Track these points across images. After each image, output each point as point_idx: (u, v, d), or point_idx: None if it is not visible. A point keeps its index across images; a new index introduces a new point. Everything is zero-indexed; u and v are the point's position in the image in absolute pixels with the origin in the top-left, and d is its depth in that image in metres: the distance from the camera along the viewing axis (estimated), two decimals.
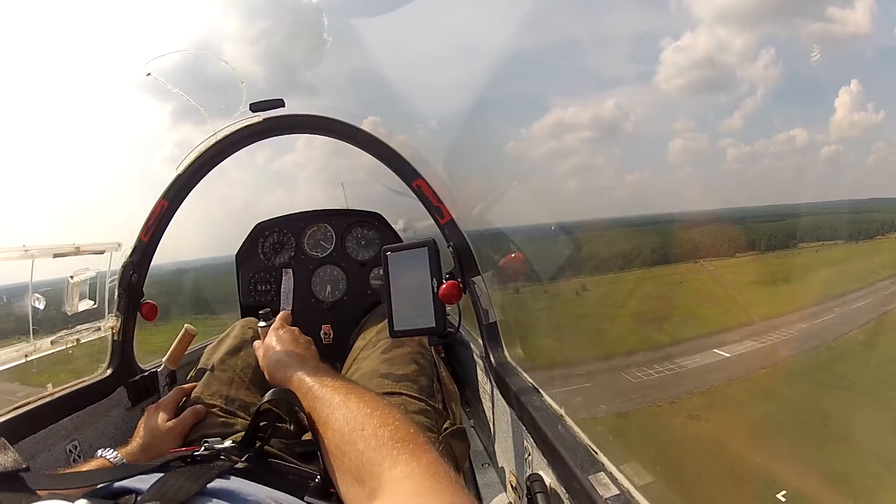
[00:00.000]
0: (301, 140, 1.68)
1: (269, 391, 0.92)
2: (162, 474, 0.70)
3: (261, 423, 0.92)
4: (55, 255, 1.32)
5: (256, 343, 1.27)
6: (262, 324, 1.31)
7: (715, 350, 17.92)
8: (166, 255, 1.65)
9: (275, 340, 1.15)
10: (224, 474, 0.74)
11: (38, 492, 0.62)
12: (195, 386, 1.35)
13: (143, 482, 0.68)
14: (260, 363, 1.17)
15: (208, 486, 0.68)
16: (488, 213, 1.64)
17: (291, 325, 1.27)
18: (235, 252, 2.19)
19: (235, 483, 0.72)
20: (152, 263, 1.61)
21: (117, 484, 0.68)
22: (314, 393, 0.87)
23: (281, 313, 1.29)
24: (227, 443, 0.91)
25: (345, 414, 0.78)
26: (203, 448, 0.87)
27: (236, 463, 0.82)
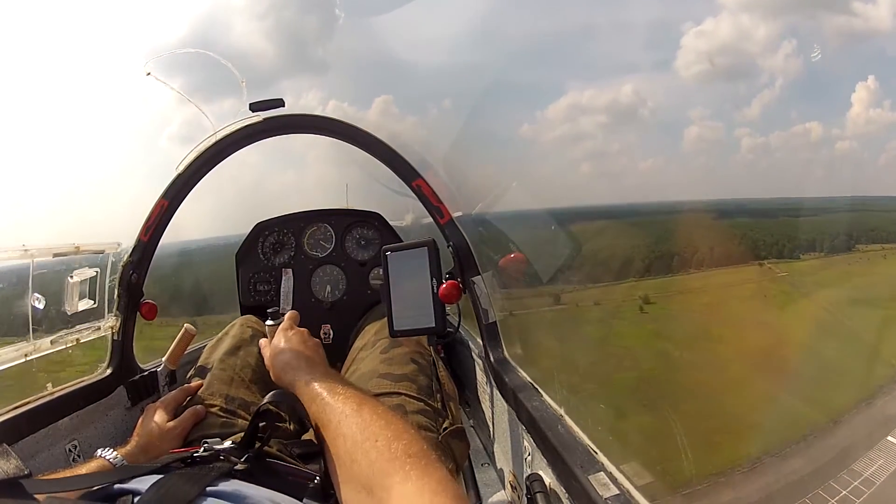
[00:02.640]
0: None
1: (271, 392, 0.92)
2: (161, 476, 0.70)
3: (260, 424, 0.92)
4: (55, 255, 1.32)
5: (263, 341, 1.25)
6: (269, 322, 1.28)
7: (890, 438, 11.12)
8: (168, 235, 1.63)
9: (283, 341, 1.13)
10: (223, 476, 0.74)
11: (37, 496, 0.62)
12: (198, 386, 1.34)
13: (142, 483, 0.68)
14: (266, 363, 1.16)
15: (208, 488, 0.68)
16: (489, 213, 1.64)
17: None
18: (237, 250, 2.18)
19: (235, 485, 0.72)
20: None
21: (116, 486, 0.68)
22: (325, 399, 0.87)
23: (290, 313, 1.26)
24: (227, 443, 0.91)
25: (358, 423, 0.78)
26: (202, 449, 0.88)
27: (236, 464, 0.82)
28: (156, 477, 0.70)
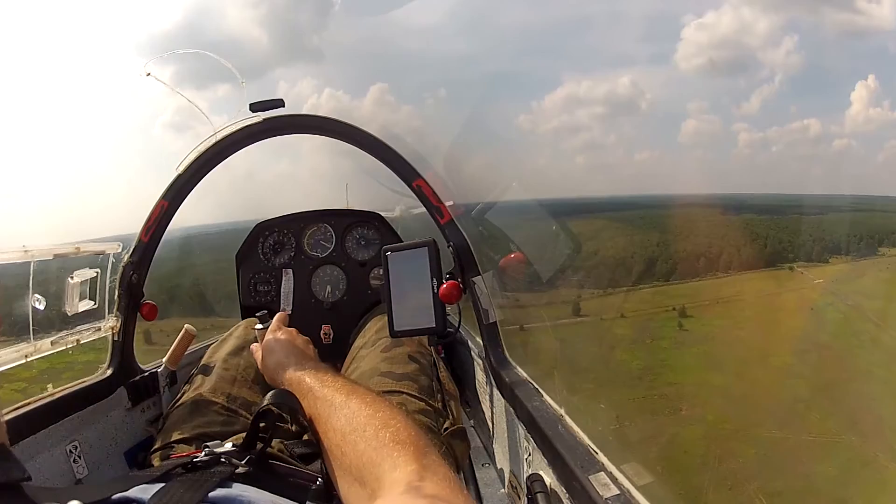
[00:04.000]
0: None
1: (270, 392, 0.93)
2: (163, 484, 0.70)
3: (261, 425, 0.92)
4: (55, 256, 1.32)
5: (254, 346, 1.26)
6: (259, 326, 1.28)
7: None
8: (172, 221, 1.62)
9: (272, 342, 1.15)
10: (225, 481, 0.74)
11: None
12: None
13: (144, 493, 0.68)
14: (259, 366, 1.17)
15: (210, 494, 0.68)
16: (488, 214, 1.64)
17: (290, 326, 1.26)
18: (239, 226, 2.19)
19: (237, 489, 0.72)
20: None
21: (118, 495, 0.67)
22: (315, 393, 0.87)
23: (278, 314, 1.28)
24: (228, 445, 0.91)
25: (346, 414, 0.78)
26: (204, 453, 0.88)
27: (237, 467, 0.82)
28: (158, 486, 0.70)
